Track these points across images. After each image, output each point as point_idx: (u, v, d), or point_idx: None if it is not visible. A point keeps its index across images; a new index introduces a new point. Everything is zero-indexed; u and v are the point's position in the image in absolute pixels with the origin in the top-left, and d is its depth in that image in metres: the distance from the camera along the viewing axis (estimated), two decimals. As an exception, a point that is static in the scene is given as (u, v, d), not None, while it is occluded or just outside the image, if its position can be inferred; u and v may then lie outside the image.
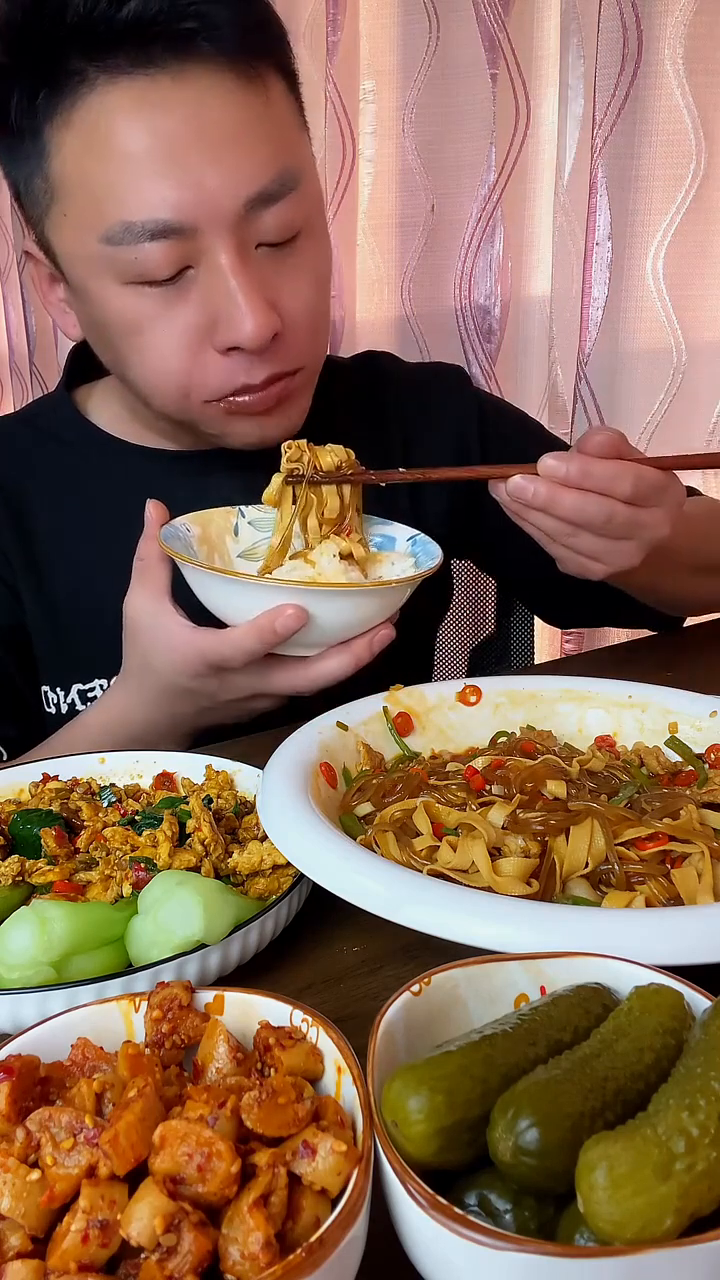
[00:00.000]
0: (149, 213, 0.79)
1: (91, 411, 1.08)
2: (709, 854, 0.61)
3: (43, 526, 1.04)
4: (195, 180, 0.79)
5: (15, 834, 0.69)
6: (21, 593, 1.04)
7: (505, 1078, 0.39)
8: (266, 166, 0.82)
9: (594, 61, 1.50)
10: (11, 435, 1.10)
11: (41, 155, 0.83)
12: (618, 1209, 0.33)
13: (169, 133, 0.79)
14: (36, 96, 0.81)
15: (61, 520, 1.04)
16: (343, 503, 0.88)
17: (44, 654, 1.05)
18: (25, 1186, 0.37)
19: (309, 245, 0.88)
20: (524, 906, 0.53)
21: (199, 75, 0.79)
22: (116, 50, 0.77)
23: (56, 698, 1.04)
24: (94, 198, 0.81)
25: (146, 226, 0.80)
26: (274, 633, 0.76)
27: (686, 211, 1.52)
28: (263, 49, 0.82)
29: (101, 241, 0.82)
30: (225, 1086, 0.42)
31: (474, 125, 1.68)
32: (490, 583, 1.50)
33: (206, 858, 0.66)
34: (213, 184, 0.80)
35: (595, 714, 0.84)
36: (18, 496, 1.05)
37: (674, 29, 1.45)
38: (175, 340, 0.85)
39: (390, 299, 1.86)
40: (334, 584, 0.83)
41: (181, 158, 0.79)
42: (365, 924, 0.62)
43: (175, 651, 0.81)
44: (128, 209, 0.80)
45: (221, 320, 0.84)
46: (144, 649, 0.85)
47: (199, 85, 0.79)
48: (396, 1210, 0.37)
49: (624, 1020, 0.42)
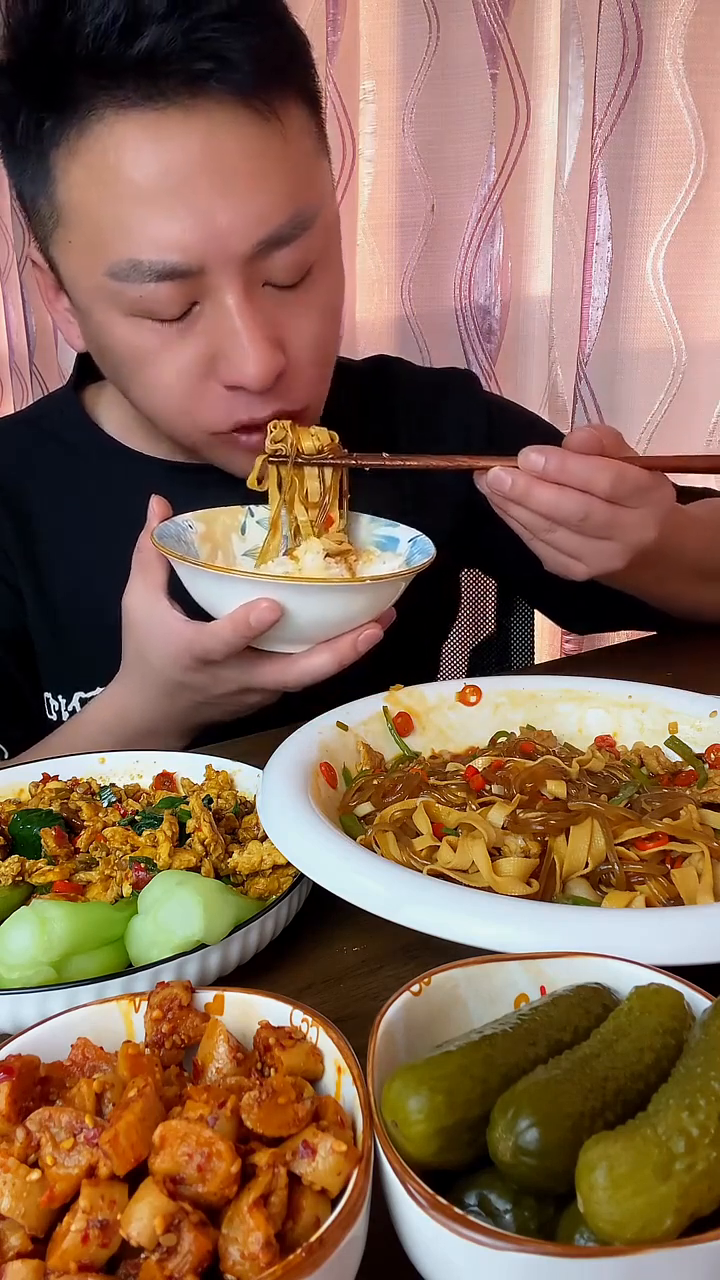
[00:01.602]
0: (157, 253, 0.78)
1: (99, 414, 1.08)
2: (709, 854, 0.61)
3: (44, 528, 1.04)
4: (205, 219, 0.77)
5: (15, 834, 0.69)
6: (23, 594, 1.04)
7: (505, 1078, 0.39)
8: (280, 208, 0.79)
9: (594, 61, 1.50)
10: (15, 436, 1.10)
11: (47, 178, 0.81)
12: (618, 1209, 0.33)
13: (179, 168, 0.76)
14: (43, 122, 0.79)
15: (63, 523, 1.04)
16: (323, 486, 0.87)
17: (45, 657, 1.05)
18: (25, 1186, 0.37)
19: (321, 278, 0.86)
20: (524, 906, 0.53)
21: (211, 108, 0.76)
22: (126, 82, 0.75)
23: (59, 705, 1.04)
24: (100, 231, 0.79)
25: (154, 267, 0.78)
26: (249, 625, 0.75)
27: (686, 211, 1.52)
28: (282, 81, 0.79)
29: (106, 275, 0.80)
30: (225, 1086, 0.42)
31: (474, 125, 1.68)
32: (490, 583, 1.50)
33: (206, 858, 0.66)
34: (223, 224, 0.77)
35: (595, 714, 0.84)
36: (20, 498, 1.05)
37: (674, 29, 1.45)
38: (179, 374, 0.85)
39: (390, 299, 1.86)
40: (313, 579, 0.82)
41: (191, 195, 0.76)
42: (365, 924, 0.62)
43: (168, 645, 0.81)
44: (135, 247, 0.78)
45: (225, 358, 0.83)
46: (139, 643, 0.85)
47: (211, 119, 0.76)
48: (396, 1210, 0.37)
49: (624, 1020, 0.42)
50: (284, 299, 0.84)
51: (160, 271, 0.78)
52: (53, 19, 0.75)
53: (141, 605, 0.84)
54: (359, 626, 0.80)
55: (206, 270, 0.79)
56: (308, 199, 0.81)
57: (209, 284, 0.80)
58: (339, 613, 0.79)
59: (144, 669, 0.85)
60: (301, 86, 0.83)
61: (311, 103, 0.85)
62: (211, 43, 0.74)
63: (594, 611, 1.18)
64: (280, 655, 0.81)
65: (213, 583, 0.79)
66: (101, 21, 0.73)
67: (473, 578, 1.49)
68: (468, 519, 1.13)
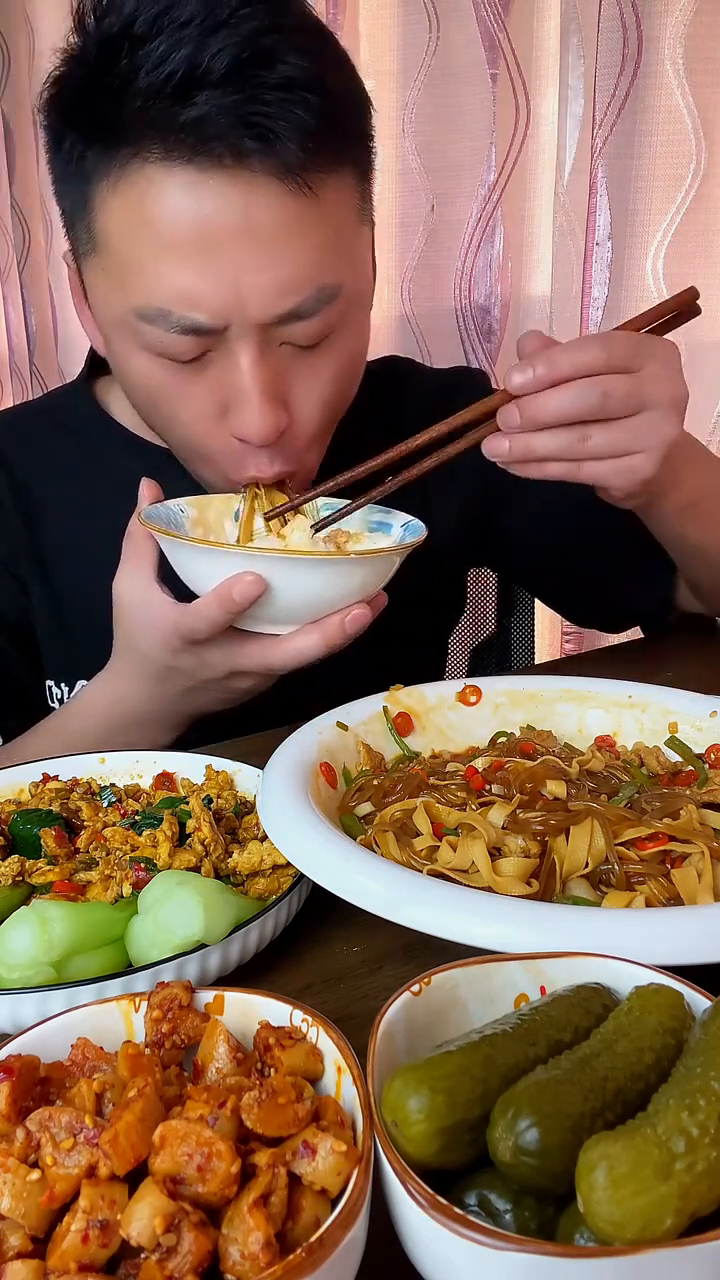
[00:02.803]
0: (183, 309, 0.78)
1: (111, 406, 1.08)
2: (709, 854, 0.61)
3: (52, 517, 1.05)
4: (231, 284, 0.77)
5: (15, 834, 0.69)
6: (28, 583, 1.04)
7: (505, 1078, 0.39)
8: (305, 283, 0.79)
9: (594, 61, 1.50)
10: (27, 424, 1.10)
11: (87, 205, 0.81)
12: (618, 1209, 0.33)
13: (213, 231, 0.75)
14: (86, 155, 0.79)
15: (71, 512, 1.05)
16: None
17: (48, 647, 1.06)
18: (25, 1186, 0.37)
19: (340, 344, 0.86)
20: (524, 906, 0.53)
21: (253, 178, 0.75)
22: (171, 137, 0.74)
23: (61, 693, 1.04)
24: (129, 270, 0.79)
25: (180, 321, 0.78)
26: (233, 600, 0.73)
27: (686, 211, 1.52)
28: (329, 157, 0.78)
29: (132, 313, 0.80)
30: (225, 1086, 0.42)
31: (474, 125, 1.68)
32: (491, 583, 1.50)
33: (206, 858, 0.66)
34: (247, 290, 0.77)
35: (595, 714, 0.84)
36: (29, 486, 1.05)
37: (674, 29, 1.45)
38: (189, 416, 0.85)
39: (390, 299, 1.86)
40: (299, 551, 0.80)
41: (220, 258, 0.76)
42: (365, 924, 0.62)
43: (155, 628, 0.81)
44: (162, 297, 0.78)
45: (231, 410, 0.83)
46: (129, 627, 0.84)
47: (251, 185, 0.75)
48: (396, 1210, 0.37)
49: (624, 1020, 0.42)
50: (299, 358, 0.84)
51: (185, 326, 0.79)
52: (109, 62, 0.74)
53: (130, 589, 0.83)
54: (347, 607, 0.77)
55: (227, 327, 0.79)
56: (334, 275, 0.81)
57: (226, 338, 0.80)
58: (326, 589, 0.76)
59: (134, 654, 0.85)
60: (350, 157, 0.82)
61: (359, 171, 0.84)
62: (261, 119, 0.73)
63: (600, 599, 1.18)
64: (266, 637, 0.79)
65: (195, 557, 0.77)
66: (156, 80, 0.73)
67: (473, 578, 1.49)
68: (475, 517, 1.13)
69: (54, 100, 0.81)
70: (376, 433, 1.00)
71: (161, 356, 0.82)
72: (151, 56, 0.72)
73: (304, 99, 0.74)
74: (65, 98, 0.80)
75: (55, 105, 0.81)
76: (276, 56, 0.73)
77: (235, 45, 0.72)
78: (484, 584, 1.51)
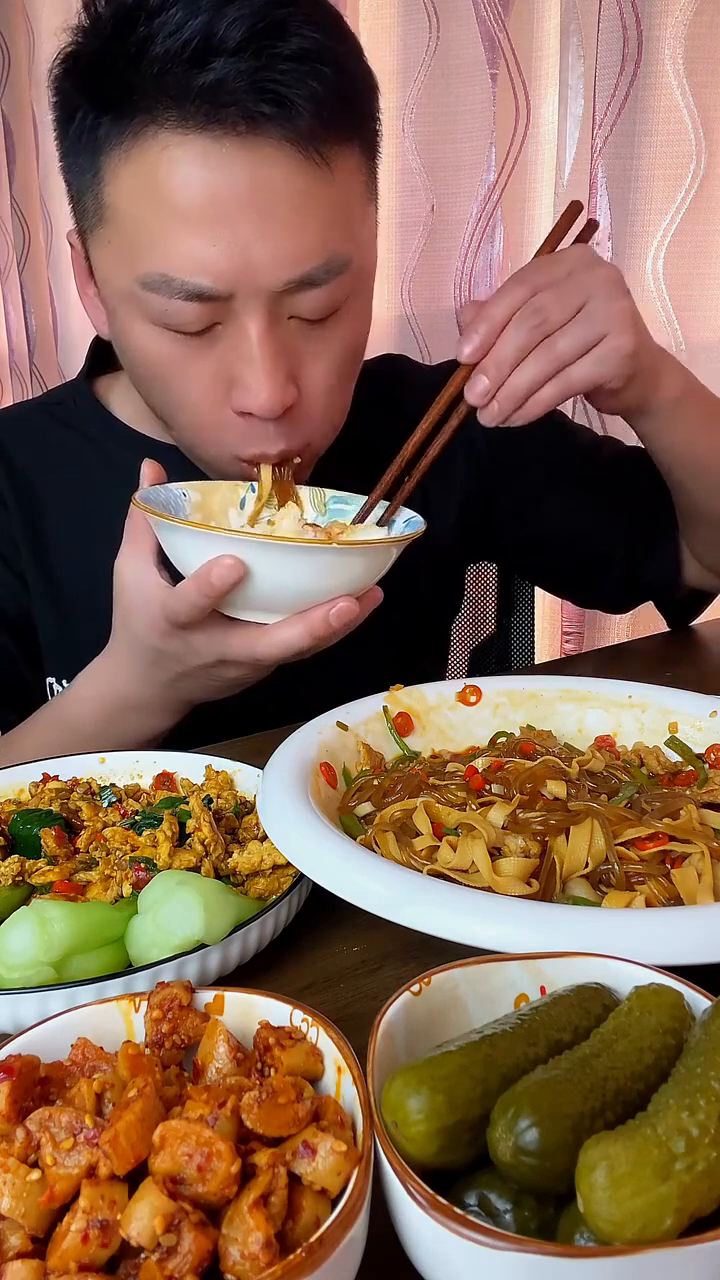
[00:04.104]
0: (189, 274, 0.78)
1: (112, 403, 1.08)
2: (709, 854, 0.61)
3: (54, 513, 1.05)
4: (241, 251, 0.77)
5: (15, 834, 0.69)
6: (29, 578, 1.04)
7: (505, 1078, 0.39)
8: (315, 252, 0.79)
9: (594, 61, 1.50)
10: (29, 421, 1.10)
11: (96, 176, 0.81)
12: (618, 1209, 0.33)
13: (225, 198, 0.76)
14: (99, 124, 0.79)
15: (73, 508, 1.05)
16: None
17: (49, 642, 1.06)
18: (25, 1186, 0.37)
19: (347, 321, 0.86)
20: (524, 906, 0.53)
21: (265, 145, 0.76)
22: (186, 105, 0.75)
23: (61, 689, 1.04)
24: (138, 239, 0.80)
25: (185, 286, 0.78)
26: (211, 584, 0.72)
27: (686, 211, 1.52)
28: (339, 129, 0.79)
29: (137, 282, 0.80)
30: (225, 1086, 0.42)
31: (474, 125, 1.68)
32: (490, 582, 1.50)
33: (206, 858, 0.66)
34: (257, 257, 0.78)
35: (595, 714, 0.84)
36: (31, 482, 1.05)
37: (674, 29, 1.45)
38: (195, 392, 0.85)
39: (390, 299, 1.86)
40: (283, 537, 0.79)
41: (231, 225, 0.77)
42: (365, 924, 0.62)
43: (145, 609, 0.80)
44: (169, 263, 0.78)
45: (238, 383, 0.83)
46: (125, 607, 0.84)
47: (263, 155, 0.76)
48: (396, 1210, 0.37)
49: (624, 1020, 0.42)
50: (307, 333, 0.84)
51: (190, 291, 0.79)
52: (124, 30, 0.75)
53: (126, 569, 0.83)
54: (334, 599, 0.75)
55: (234, 297, 0.79)
56: (344, 246, 0.81)
57: (234, 309, 0.80)
58: (310, 578, 0.74)
59: (128, 637, 0.85)
60: (359, 135, 0.83)
61: (367, 150, 0.85)
62: (277, 85, 0.74)
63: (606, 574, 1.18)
64: (254, 626, 0.78)
65: (180, 538, 0.76)
66: (173, 46, 0.73)
67: (473, 578, 1.49)
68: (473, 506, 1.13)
69: (67, 72, 0.82)
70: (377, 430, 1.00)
71: (167, 329, 0.82)
72: (169, 24, 0.73)
73: (317, 70, 0.76)
74: (79, 68, 0.81)
75: (68, 76, 0.82)
76: (290, 29, 0.75)
77: (250, 15, 0.73)
78: (484, 583, 1.51)
